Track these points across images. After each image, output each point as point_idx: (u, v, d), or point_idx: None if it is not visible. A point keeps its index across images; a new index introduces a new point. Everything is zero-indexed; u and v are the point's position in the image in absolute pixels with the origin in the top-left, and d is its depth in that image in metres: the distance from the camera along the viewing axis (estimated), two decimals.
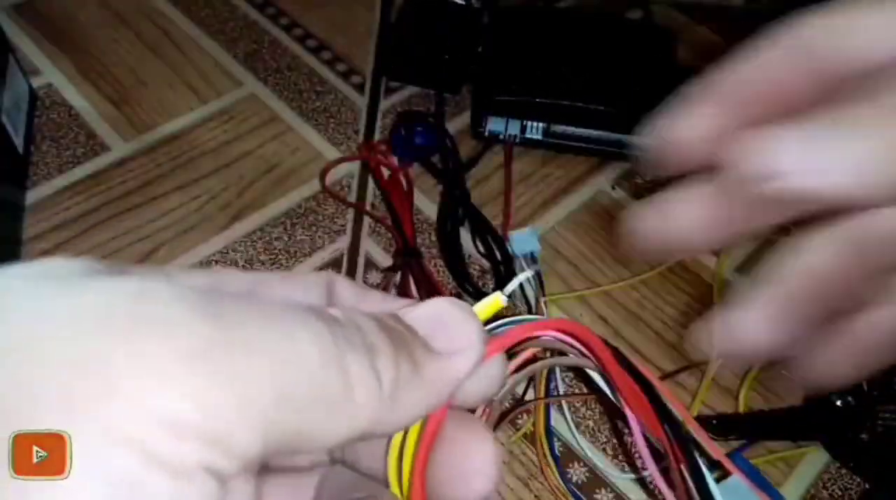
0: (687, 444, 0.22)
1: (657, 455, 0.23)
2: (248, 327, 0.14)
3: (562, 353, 0.23)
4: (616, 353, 0.21)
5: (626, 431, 0.40)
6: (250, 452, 0.13)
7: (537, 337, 0.20)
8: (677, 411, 0.22)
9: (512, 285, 0.19)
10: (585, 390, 0.41)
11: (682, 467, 0.22)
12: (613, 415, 0.41)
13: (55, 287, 0.13)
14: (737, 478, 0.30)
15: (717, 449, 0.26)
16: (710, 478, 0.22)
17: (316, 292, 0.18)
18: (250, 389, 0.13)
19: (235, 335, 0.13)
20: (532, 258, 0.46)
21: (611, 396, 0.23)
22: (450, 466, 0.17)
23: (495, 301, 0.19)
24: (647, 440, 0.23)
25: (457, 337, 0.17)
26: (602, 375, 0.23)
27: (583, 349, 0.21)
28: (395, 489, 0.18)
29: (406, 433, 0.18)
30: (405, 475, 0.17)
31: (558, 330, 0.20)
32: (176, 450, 0.12)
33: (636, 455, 0.39)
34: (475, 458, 0.17)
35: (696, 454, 0.22)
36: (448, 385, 0.17)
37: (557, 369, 0.41)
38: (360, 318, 0.16)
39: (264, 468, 0.19)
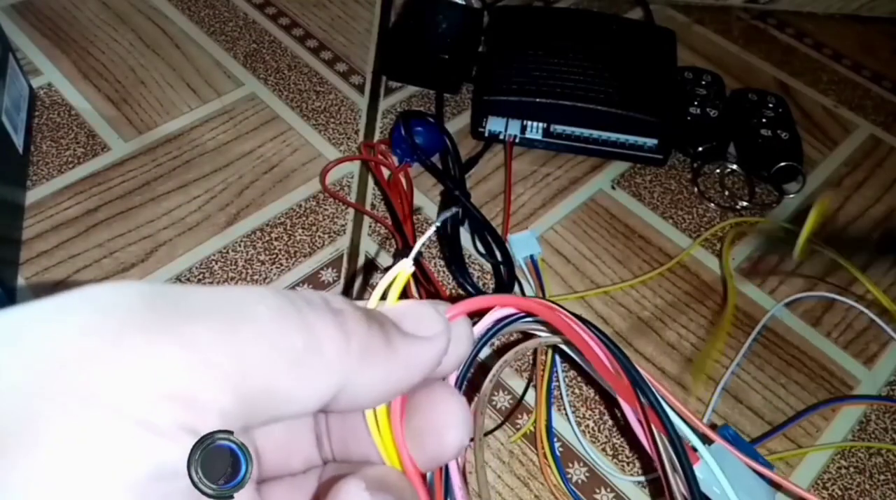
0: (664, 414, 0.24)
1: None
2: (192, 300, 0.14)
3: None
4: (592, 329, 0.22)
5: (619, 430, 0.40)
6: (226, 410, 0.14)
7: (502, 312, 0.22)
8: (653, 386, 0.24)
9: (417, 248, 0.20)
10: (585, 390, 0.41)
11: (662, 435, 0.24)
12: (612, 406, 0.41)
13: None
14: (719, 445, 0.31)
15: (698, 422, 0.28)
16: (686, 448, 0.24)
17: None
18: (208, 351, 0.14)
19: (183, 309, 0.14)
20: (532, 261, 0.46)
21: (585, 367, 0.24)
22: (425, 426, 0.18)
23: (401, 271, 0.19)
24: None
25: (424, 326, 0.18)
26: (575, 351, 0.24)
27: (554, 327, 0.22)
28: (387, 461, 0.19)
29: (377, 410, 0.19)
30: (388, 445, 0.18)
31: (519, 308, 0.22)
32: (151, 412, 0.13)
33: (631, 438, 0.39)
34: (445, 414, 0.18)
35: (673, 423, 0.24)
36: (419, 365, 0.17)
37: (559, 370, 0.41)
38: (328, 294, 0.17)
39: (262, 480, 0.19)
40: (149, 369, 0.13)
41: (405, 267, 0.19)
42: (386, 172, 0.50)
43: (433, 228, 0.21)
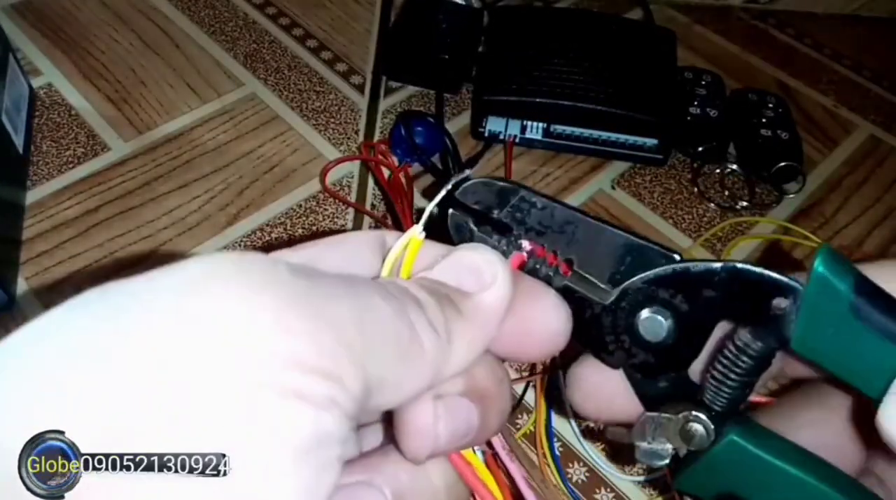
0: None
1: None
2: (330, 283, 0.15)
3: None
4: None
5: None
6: (355, 392, 0.14)
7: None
8: None
9: (425, 217, 0.19)
10: None
11: None
12: None
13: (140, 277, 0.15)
14: None
15: None
16: None
17: (367, 254, 0.20)
18: (345, 332, 0.14)
19: (323, 288, 0.15)
20: None
21: None
22: (525, 324, 0.19)
23: (412, 239, 0.19)
24: None
25: (483, 275, 0.18)
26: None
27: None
28: None
29: None
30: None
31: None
32: (307, 384, 0.14)
33: None
34: (541, 309, 0.19)
35: None
36: (491, 317, 0.18)
37: (559, 370, 0.41)
38: (399, 280, 0.18)
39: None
40: (301, 346, 0.14)
41: (415, 234, 0.18)
42: (386, 172, 0.50)
43: (444, 192, 0.20)
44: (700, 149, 0.53)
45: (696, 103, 0.53)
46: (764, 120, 0.53)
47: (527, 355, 0.19)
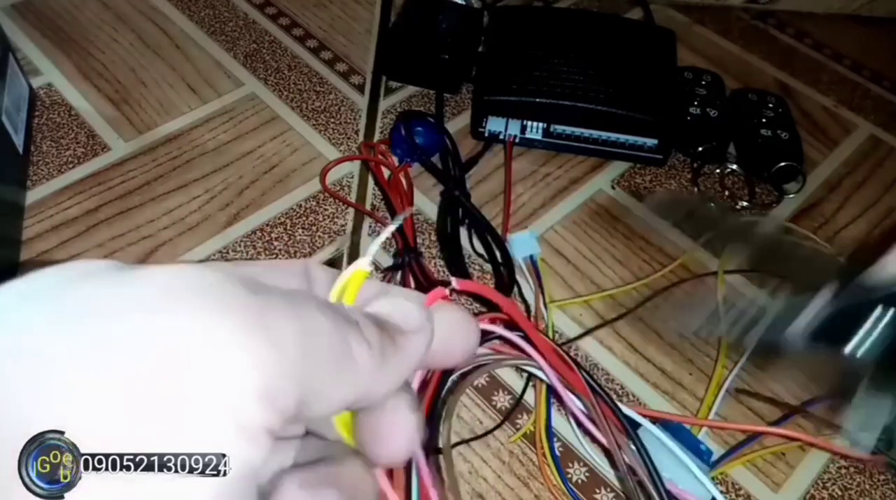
0: (609, 398, 0.30)
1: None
2: (275, 299, 0.15)
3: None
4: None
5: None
6: (288, 411, 0.14)
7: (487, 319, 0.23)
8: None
9: (373, 248, 0.20)
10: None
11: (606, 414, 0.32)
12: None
13: (100, 281, 0.15)
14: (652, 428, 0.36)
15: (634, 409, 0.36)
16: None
17: (296, 279, 0.20)
18: (286, 349, 0.15)
19: (271, 305, 0.15)
20: (532, 262, 0.46)
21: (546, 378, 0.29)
22: (373, 428, 0.19)
23: (356, 272, 0.19)
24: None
25: (412, 321, 0.19)
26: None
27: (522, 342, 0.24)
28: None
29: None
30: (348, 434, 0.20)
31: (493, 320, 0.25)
32: (250, 416, 0.14)
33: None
34: (395, 423, 0.19)
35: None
36: (416, 352, 0.19)
37: None
38: (338, 305, 0.18)
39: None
40: (246, 367, 0.14)
41: (361, 266, 0.19)
42: (386, 172, 0.50)
43: (390, 229, 0.21)
44: (700, 149, 0.53)
45: (696, 103, 0.53)
46: (764, 120, 0.53)
47: (448, 365, 0.22)
